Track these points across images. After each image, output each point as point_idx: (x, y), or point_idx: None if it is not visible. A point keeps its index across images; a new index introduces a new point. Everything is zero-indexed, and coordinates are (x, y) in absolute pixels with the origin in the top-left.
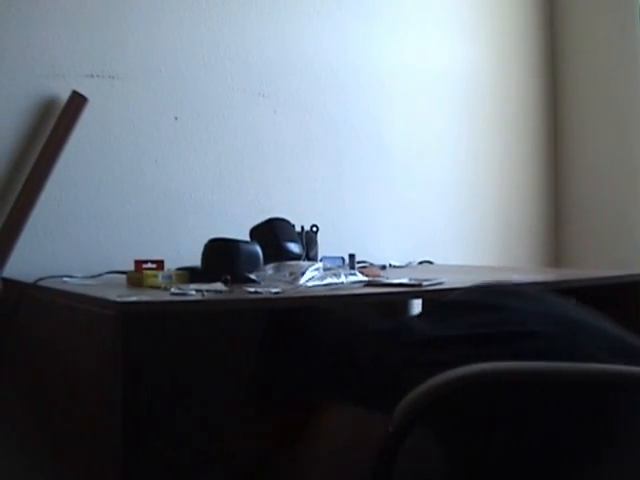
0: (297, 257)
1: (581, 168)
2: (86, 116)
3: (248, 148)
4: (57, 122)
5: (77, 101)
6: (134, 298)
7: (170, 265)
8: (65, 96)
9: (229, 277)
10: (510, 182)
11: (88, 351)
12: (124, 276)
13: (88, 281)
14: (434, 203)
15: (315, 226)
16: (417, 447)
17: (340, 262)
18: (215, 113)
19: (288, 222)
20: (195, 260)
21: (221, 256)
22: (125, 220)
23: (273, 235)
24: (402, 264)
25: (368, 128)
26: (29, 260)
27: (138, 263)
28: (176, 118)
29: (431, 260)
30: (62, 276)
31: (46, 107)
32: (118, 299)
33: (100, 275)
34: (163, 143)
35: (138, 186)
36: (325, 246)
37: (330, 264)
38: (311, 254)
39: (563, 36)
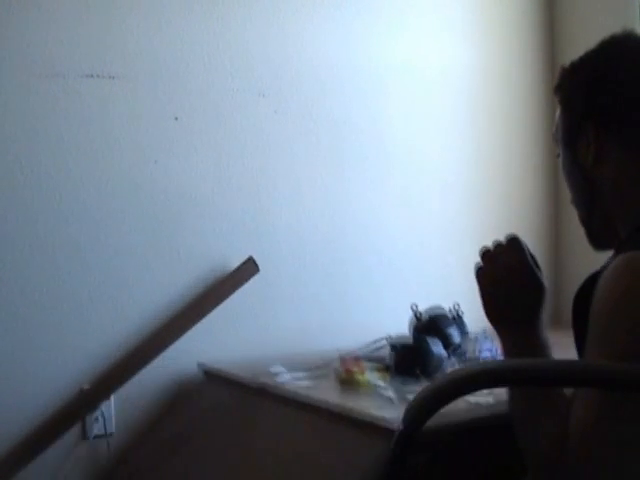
0: (457, 342)
1: None
2: (86, 116)
3: (248, 148)
4: (226, 278)
5: (249, 266)
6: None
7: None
8: None
9: (419, 372)
10: (511, 183)
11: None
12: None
13: (287, 376)
14: (436, 202)
15: (458, 305)
16: None
17: (495, 352)
18: (215, 113)
19: (443, 310)
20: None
21: (415, 359)
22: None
23: (437, 328)
24: None
25: (369, 128)
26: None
27: (343, 362)
28: (176, 118)
29: None
30: (275, 374)
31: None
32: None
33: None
34: (163, 143)
35: (139, 186)
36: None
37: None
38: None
39: (563, 36)
